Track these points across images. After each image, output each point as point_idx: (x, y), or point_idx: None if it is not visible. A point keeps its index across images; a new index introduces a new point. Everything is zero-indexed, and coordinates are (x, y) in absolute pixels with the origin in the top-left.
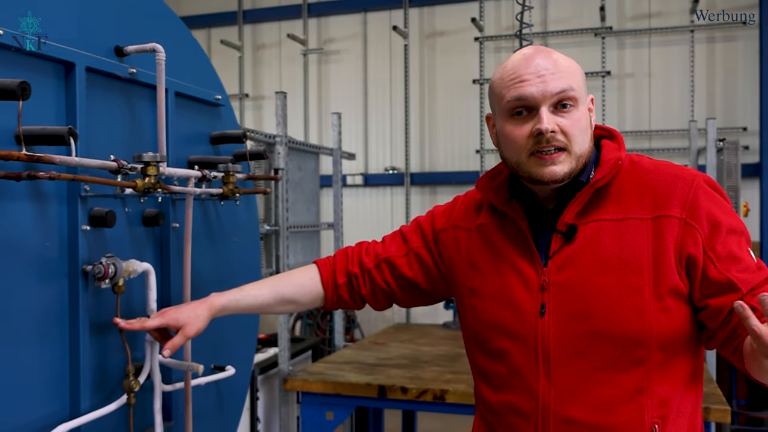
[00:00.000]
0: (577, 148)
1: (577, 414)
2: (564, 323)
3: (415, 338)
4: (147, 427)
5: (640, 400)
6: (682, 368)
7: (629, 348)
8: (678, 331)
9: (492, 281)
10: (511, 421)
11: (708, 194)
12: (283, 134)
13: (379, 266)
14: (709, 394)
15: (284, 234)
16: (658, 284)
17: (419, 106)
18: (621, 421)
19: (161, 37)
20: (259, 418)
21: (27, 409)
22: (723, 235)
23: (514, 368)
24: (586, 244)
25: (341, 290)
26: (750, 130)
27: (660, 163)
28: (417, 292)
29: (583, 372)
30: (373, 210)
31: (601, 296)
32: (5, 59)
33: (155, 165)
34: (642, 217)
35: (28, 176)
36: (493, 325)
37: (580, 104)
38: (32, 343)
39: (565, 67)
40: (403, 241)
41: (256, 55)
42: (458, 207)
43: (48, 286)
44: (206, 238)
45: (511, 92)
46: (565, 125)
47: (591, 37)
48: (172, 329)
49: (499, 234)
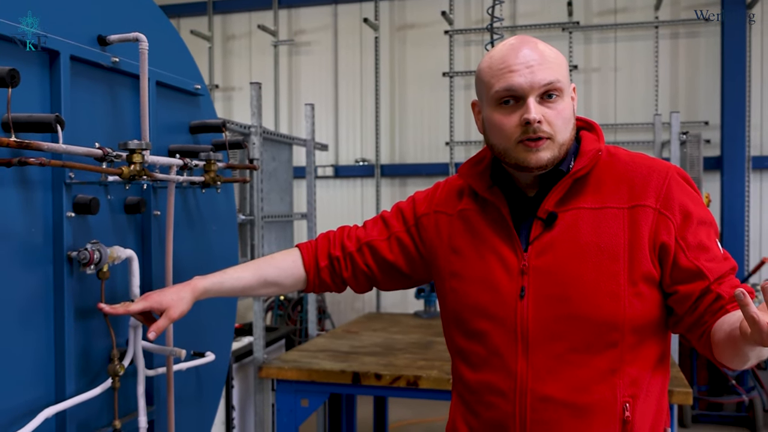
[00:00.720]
0: (560, 137)
1: (553, 392)
2: (542, 306)
3: (387, 327)
4: (131, 412)
5: (612, 380)
6: (651, 351)
7: (604, 331)
8: (649, 316)
9: (473, 265)
10: (489, 400)
11: (681, 186)
12: (258, 125)
13: (360, 249)
14: (672, 378)
15: (259, 223)
16: (633, 271)
17: (390, 99)
18: (594, 400)
19: (142, 26)
20: (234, 406)
21: (13, 393)
22: (694, 226)
23: (493, 348)
24: (565, 231)
25: (323, 273)
26: (711, 124)
27: (636, 155)
28: (397, 276)
29: (560, 353)
30: (344, 201)
31: (579, 281)
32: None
33: (140, 153)
34: (619, 206)
35: (18, 162)
36: (473, 307)
37: (564, 95)
38: (17, 328)
39: (552, 59)
40: (385, 226)
41: (226, 45)
42: (440, 193)
43: (33, 271)
44: (186, 225)
45: (500, 82)
46: (550, 116)
47: (558, 31)
48: (156, 312)
49: (480, 219)
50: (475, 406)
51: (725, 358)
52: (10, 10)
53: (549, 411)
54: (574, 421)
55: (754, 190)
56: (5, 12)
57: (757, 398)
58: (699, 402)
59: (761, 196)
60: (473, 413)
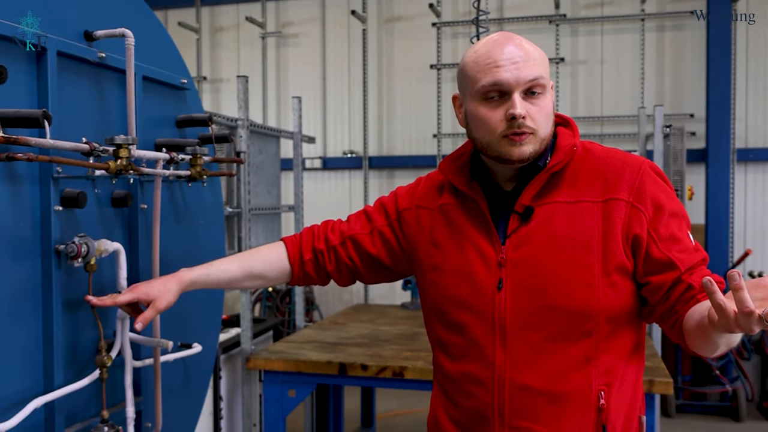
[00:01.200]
0: (542, 132)
1: (530, 381)
2: (519, 297)
3: (374, 318)
4: (118, 402)
5: (587, 369)
6: (626, 340)
7: (579, 321)
8: (623, 306)
9: (453, 258)
10: (469, 389)
11: (653, 180)
12: (244, 118)
13: (344, 243)
14: (654, 368)
15: (246, 216)
16: (607, 262)
17: (377, 91)
18: (570, 388)
19: (128, 21)
20: (221, 396)
21: (2, 383)
22: (666, 218)
23: (472, 339)
24: (541, 225)
25: (307, 266)
26: (697, 117)
27: (610, 150)
28: (380, 269)
29: (536, 342)
30: (332, 193)
31: (554, 272)
32: None
33: (127, 147)
34: (593, 200)
35: (6, 158)
36: (453, 299)
37: (546, 91)
38: (6, 320)
39: (536, 56)
40: (368, 220)
41: (214, 37)
42: (421, 188)
43: (22, 264)
44: (173, 218)
45: (486, 77)
46: (533, 111)
47: (545, 24)
48: (143, 303)
49: (460, 213)
50: (455, 396)
51: (696, 346)
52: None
53: (526, 399)
54: (550, 408)
55: (739, 182)
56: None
57: (740, 388)
58: (683, 392)
59: (746, 188)
60: (453, 403)
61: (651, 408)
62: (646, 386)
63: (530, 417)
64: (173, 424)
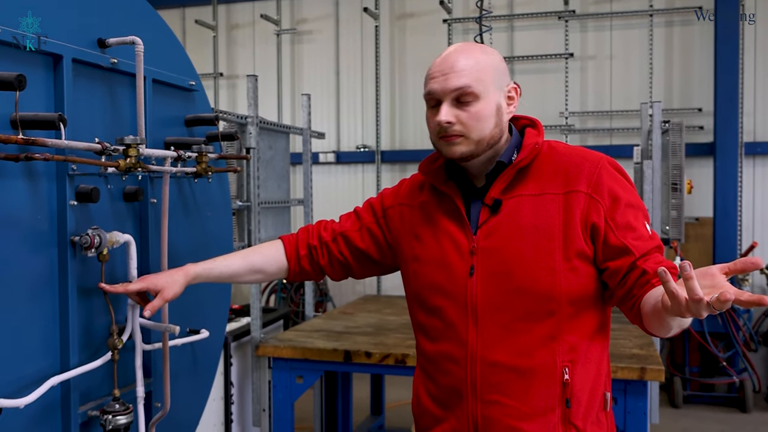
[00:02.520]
0: (474, 134)
1: (499, 357)
2: (489, 282)
3: (382, 308)
4: (129, 383)
5: (552, 346)
6: (589, 321)
7: (542, 302)
8: (584, 289)
9: (431, 248)
10: (446, 367)
11: (610, 174)
12: (254, 115)
13: (335, 239)
14: (647, 356)
15: (255, 210)
16: (567, 248)
17: (390, 86)
18: (536, 364)
19: (139, 28)
20: (232, 382)
21: (23, 363)
22: (622, 208)
23: (448, 321)
24: (508, 216)
25: (303, 261)
26: (705, 111)
27: (573, 148)
28: (369, 263)
29: (504, 322)
30: (345, 186)
31: (519, 258)
32: (3, 53)
33: (136, 147)
34: (555, 192)
35: (25, 158)
36: (431, 286)
37: (481, 98)
38: (27, 305)
39: (472, 66)
40: (357, 218)
41: (230, 35)
42: (403, 188)
43: (40, 254)
44: (182, 212)
45: (426, 87)
46: (463, 117)
47: (555, 20)
48: (152, 293)
49: (437, 209)
50: (434, 374)
51: (652, 328)
52: (17, 18)
53: (496, 374)
54: (518, 382)
55: (747, 175)
56: (11, 20)
57: (747, 379)
58: (690, 383)
59: (753, 182)
60: (432, 380)
61: (644, 395)
62: (638, 374)
63: (500, 390)
64: (182, 405)
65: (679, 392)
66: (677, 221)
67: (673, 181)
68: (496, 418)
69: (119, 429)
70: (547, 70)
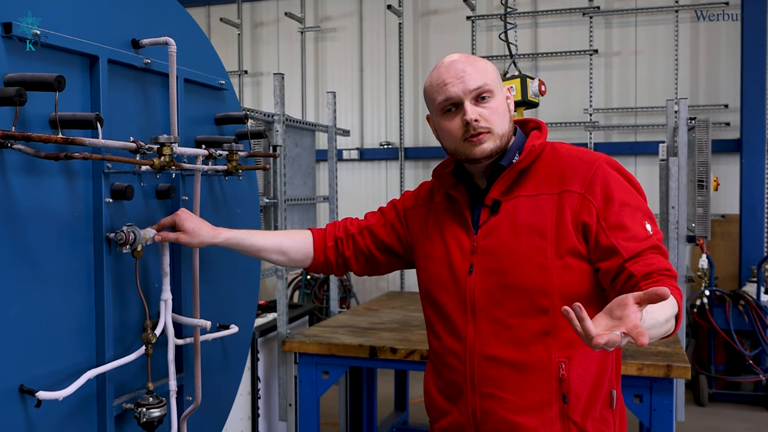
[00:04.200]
0: (498, 129)
1: (495, 352)
2: (485, 279)
3: (406, 305)
4: (162, 377)
5: (546, 341)
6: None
7: (535, 298)
8: (579, 285)
9: (439, 247)
10: (449, 361)
11: (606, 174)
12: (280, 113)
13: (361, 233)
14: (672, 354)
15: (282, 206)
16: (559, 246)
17: (413, 83)
18: (531, 358)
19: (171, 28)
20: (259, 377)
21: (61, 356)
22: (616, 207)
23: (450, 317)
24: (506, 216)
25: (328, 252)
26: (731, 107)
27: (573, 149)
28: (393, 256)
29: (500, 318)
30: (369, 183)
31: (513, 256)
32: (41, 54)
33: (170, 146)
34: (550, 192)
35: (65, 156)
36: (437, 282)
37: (496, 95)
38: (63, 299)
39: (479, 68)
40: (381, 215)
41: (255, 32)
42: (423, 191)
43: (76, 250)
44: (212, 209)
45: (440, 95)
46: (486, 114)
47: (579, 16)
48: (176, 227)
49: (446, 211)
50: (440, 368)
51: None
52: (54, 21)
53: (493, 368)
54: (514, 377)
55: None
56: (52, 23)
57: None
58: (716, 381)
59: None
60: (438, 374)
61: (670, 392)
62: (664, 371)
63: (497, 385)
64: (212, 399)
65: (705, 390)
66: (703, 218)
67: (699, 178)
68: (494, 412)
69: (153, 422)
70: (572, 66)
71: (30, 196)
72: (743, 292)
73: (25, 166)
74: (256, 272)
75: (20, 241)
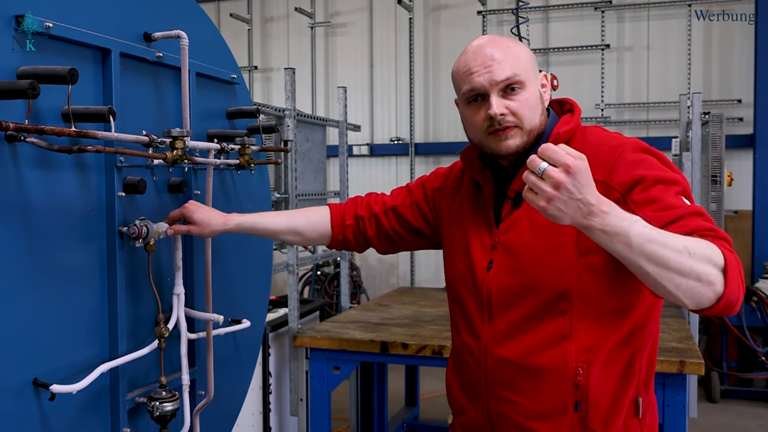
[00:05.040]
0: (527, 124)
1: (508, 354)
2: (502, 277)
3: (417, 300)
4: (175, 371)
5: (563, 346)
6: (613, 321)
7: (553, 299)
8: (603, 286)
9: (461, 238)
10: (466, 359)
11: (631, 158)
12: (292, 108)
13: (386, 213)
14: (686, 350)
15: (293, 201)
16: (580, 243)
17: (424, 79)
18: (545, 363)
19: (182, 21)
20: (270, 372)
21: (73, 350)
22: (644, 185)
23: (469, 314)
24: (527, 209)
25: (347, 231)
26: (745, 102)
27: (604, 136)
28: (420, 237)
29: (515, 319)
30: (379, 179)
31: (531, 254)
32: (53, 47)
33: (182, 139)
34: None
35: (78, 150)
36: (458, 277)
37: (528, 85)
38: (77, 293)
39: (510, 55)
40: (408, 193)
41: (265, 27)
42: (453, 172)
43: (90, 244)
44: (223, 203)
45: (465, 84)
46: (514, 107)
47: (591, 11)
48: (186, 219)
49: (471, 198)
50: (459, 365)
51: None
52: (67, 15)
53: (505, 371)
54: (528, 381)
55: None
56: (65, 17)
57: None
58: (729, 378)
59: None
60: (458, 370)
61: (683, 388)
62: (677, 367)
63: (510, 388)
64: (224, 393)
65: (717, 387)
66: (716, 214)
67: (712, 173)
68: (508, 415)
69: (166, 415)
70: (584, 61)
71: (43, 190)
72: (756, 289)
73: (39, 160)
74: (268, 267)
75: (34, 235)
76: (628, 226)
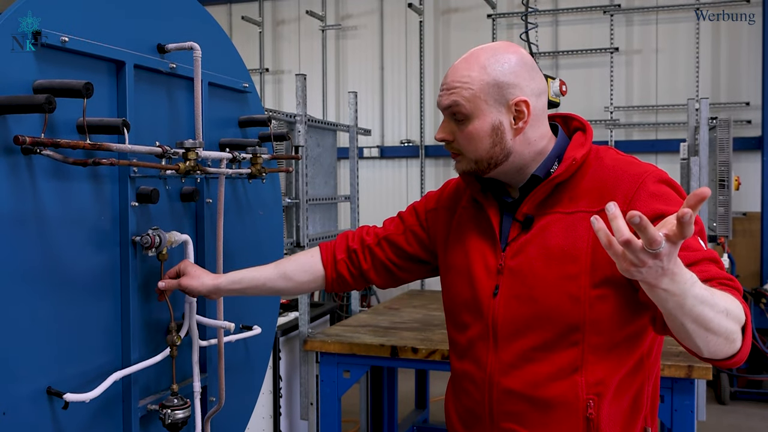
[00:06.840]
0: (470, 155)
1: (514, 386)
2: (510, 305)
3: (427, 304)
4: (186, 378)
5: (574, 378)
6: (624, 351)
7: (565, 331)
8: (616, 317)
9: (461, 260)
10: (466, 387)
11: (652, 191)
12: (303, 113)
13: (379, 243)
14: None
15: (304, 206)
16: (594, 273)
17: (434, 81)
18: (554, 396)
19: (195, 32)
20: (281, 376)
21: (86, 358)
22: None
23: (472, 341)
24: (537, 234)
25: (340, 266)
26: (753, 105)
27: (621, 160)
28: (417, 264)
29: (523, 349)
30: (389, 181)
31: (542, 282)
32: (69, 60)
33: (195, 150)
34: (588, 210)
35: (93, 163)
36: (459, 301)
37: (474, 118)
38: (90, 302)
39: (464, 82)
40: (401, 221)
41: (276, 30)
42: (447, 191)
43: (103, 253)
44: (235, 211)
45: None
46: (457, 136)
47: (600, 14)
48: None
49: (472, 219)
50: (458, 392)
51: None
52: (82, 28)
53: (511, 403)
54: (535, 414)
55: None
56: (80, 30)
57: None
58: (738, 380)
59: None
60: (457, 398)
61: (691, 393)
62: (686, 371)
63: (516, 420)
64: (235, 400)
65: (726, 389)
66: (725, 218)
67: (720, 177)
68: None
69: (177, 423)
70: (592, 64)
71: (58, 201)
72: (765, 290)
73: (54, 171)
74: None
75: (49, 244)
76: (689, 288)
